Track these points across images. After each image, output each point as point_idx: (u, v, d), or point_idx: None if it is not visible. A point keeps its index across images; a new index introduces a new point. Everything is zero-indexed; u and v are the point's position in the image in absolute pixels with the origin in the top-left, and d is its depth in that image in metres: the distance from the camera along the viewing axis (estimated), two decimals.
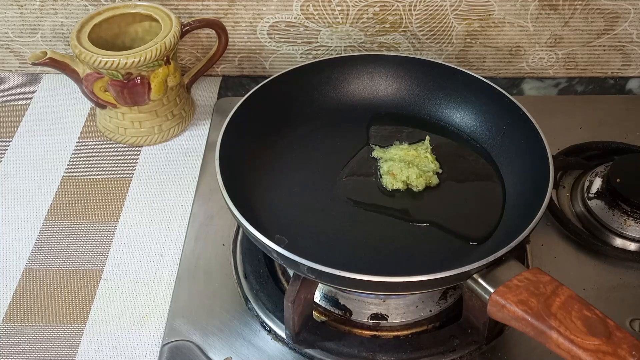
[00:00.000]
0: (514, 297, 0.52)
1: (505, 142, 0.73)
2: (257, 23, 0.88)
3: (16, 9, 0.87)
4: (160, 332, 0.64)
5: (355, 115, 0.80)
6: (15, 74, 0.95)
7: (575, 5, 0.84)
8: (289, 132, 0.76)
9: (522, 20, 0.86)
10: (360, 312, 0.65)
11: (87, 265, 0.70)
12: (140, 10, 0.80)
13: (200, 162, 0.81)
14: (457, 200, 0.70)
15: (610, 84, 0.94)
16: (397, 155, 0.72)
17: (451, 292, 0.66)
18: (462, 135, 0.77)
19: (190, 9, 0.86)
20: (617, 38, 0.88)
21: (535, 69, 0.92)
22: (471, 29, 0.87)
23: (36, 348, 0.63)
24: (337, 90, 0.80)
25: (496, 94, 0.74)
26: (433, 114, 0.80)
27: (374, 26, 0.87)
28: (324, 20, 0.86)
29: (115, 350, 0.63)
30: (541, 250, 0.71)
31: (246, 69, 0.94)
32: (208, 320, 0.64)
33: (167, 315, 0.65)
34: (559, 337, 0.49)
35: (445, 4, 0.84)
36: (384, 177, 0.71)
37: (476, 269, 0.55)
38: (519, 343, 0.62)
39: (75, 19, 0.88)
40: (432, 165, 0.71)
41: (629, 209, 0.71)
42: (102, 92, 0.78)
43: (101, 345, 0.63)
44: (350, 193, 0.70)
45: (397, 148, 0.74)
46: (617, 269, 0.69)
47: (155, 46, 0.74)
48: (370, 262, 0.63)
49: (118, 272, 0.69)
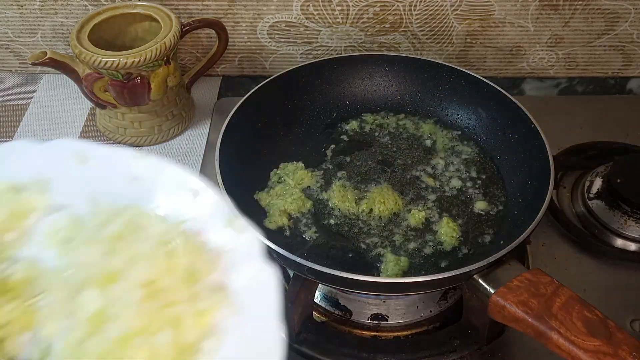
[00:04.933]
0: (514, 298, 0.52)
1: (506, 142, 0.73)
2: (257, 23, 0.88)
3: (16, 9, 0.87)
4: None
5: (355, 115, 0.80)
6: (15, 74, 0.95)
7: (576, 5, 0.84)
8: (288, 132, 0.77)
9: (523, 20, 0.86)
10: (361, 312, 0.64)
11: None
12: (140, 10, 0.80)
13: (200, 162, 0.81)
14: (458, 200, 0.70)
15: (610, 84, 0.94)
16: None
17: (451, 293, 0.66)
18: (462, 135, 0.77)
19: (190, 9, 0.86)
20: (618, 38, 0.88)
21: (536, 69, 0.92)
22: (471, 29, 0.87)
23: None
24: (337, 90, 0.80)
25: (496, 94, 0.74)
26: (433, 114, 0.80)
27: (374, 26, 0.87)
28: (324, 20, 0.86)
29: None
30: (542, 250, 0.71)
31: (246, 69, 0.94)
32: None
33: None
34: (559, 338, 0.49)
35: (445, 4, 0.84)
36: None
37: (476, 269, 0.55)
38: (519, 344, 0.62)
39: (75, 19, 0.88)
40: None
41: (629, 209, 0.71)
42: (102, 92, 0.77)
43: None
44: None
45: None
46: (618, 270, 0.69)
47: (155, 46, 0.74)
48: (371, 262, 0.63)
49: None
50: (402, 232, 0.66)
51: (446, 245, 0.65)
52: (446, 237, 0.65)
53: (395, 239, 0.66)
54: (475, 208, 0.69)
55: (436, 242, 0.66)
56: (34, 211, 0.47)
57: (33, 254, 0.44)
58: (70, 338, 0.40)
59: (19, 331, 0.41)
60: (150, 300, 0.39)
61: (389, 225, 0.67)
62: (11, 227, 0.46)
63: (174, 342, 0.38)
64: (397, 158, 0.75)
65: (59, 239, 0.45)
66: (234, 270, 0.42)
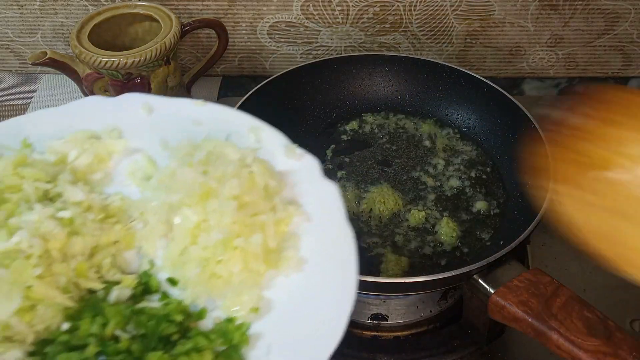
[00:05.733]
0: (514, 298, 0.52)
1: (506, 142, 0.73)
2: (257, 23, 0.87)
3: (16, 9, 0.87)
4: None
5: (355, 115, 0.80)
6: (15, 74, 0.95)
7: (576, 5, 0.84)
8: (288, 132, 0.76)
9: (523, 20, 0.86)
10: (361, 312, 0.64)
11: None
12: (140, 11, 0.80)
13: None
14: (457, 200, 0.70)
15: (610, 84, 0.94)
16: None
17: (451, 293, 0.66)
18: (462, 136, 0.77)
19: (190, 9, 0.86)
20: (618, 38, 0.88)
21: (536, 69, 0.92)
22: (471, 29, 0.87)
23: None
24: (337, 90, 0.80)
25: (496, 94, 0.74)
26: (433, 114, 0.80)
27: (374, 26, 0.87)
28: (324, 20, 0.86)
29: None
30: (542, 250, 0.71)
31: (246, 69, 0.94)
32: None
33: None
34: (559, 338, 0.49)
35: (445, 4, 0.84)
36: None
37: (476, 269, 0.55)
38: (519, 344, 0.62)
39: (75, 19, 0.88)
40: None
41: None
42: (102, 92, 0.77)
43: None
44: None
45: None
46: None
47: (155, 46, 0.74)
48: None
49: None
50: (402, 232, 0.66)
51: (446, 245, 0.65)
52: (446, 237, 0.66)
53: (396, 239, 0.66)
54: (475, 208, 0.69)
55: (436, 242, 0.66)
56: (114, 155, 0.56)
57: (119, 191, 0.53)
58: (170, 251, 0.48)
59: (125, 248, 0.50)
60: (241, 211, 0.46)
61: (389, 225, 0.67)
62: (97, 168, 0.55)
63: (263, 245, 0.45)
64: (397, 158, 0.75)
65: (139, 177, 0.53)
66: (301, 187, 0.50)
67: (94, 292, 0.47)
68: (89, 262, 0.48)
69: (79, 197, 0.50)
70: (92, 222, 0.49)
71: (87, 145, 0.55)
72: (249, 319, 0.45)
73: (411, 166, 0.74)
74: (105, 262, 0.49)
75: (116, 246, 0.50)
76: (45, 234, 0.46)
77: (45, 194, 0.51)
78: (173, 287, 0.48)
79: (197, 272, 0.46)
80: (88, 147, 0.55)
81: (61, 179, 0.51)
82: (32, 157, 0.53)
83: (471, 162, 0.74)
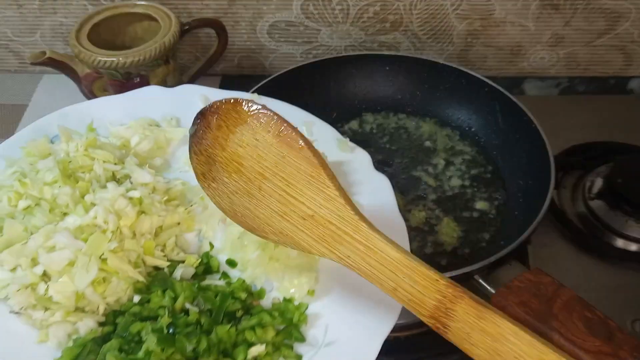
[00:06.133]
0: (515, 299, 0.52)
1: (506, 142, 0.73)
2: (257, 22, 0.87)
3: (15, 8, 0.87)
4: None
5: (356, 114, 0.80)
6: (15, 74, 0.95)
7: (577, 5, 0.84)
8: None
9: (524, 19, 0.86)
10: None
11: None
12: (139, 10, 0.80)
13: None
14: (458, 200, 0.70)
15: (611, 84, 0.94)
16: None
17: None
18: (462, 135, 0.77)
19: (190, 8, 0.86)
20: (619, 38, 0.88)
21: (537, 69, 0.92)
22: (472, 28, 0.87)
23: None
24: (337, 90, 0.80)
25: (497, 94, 0.74)
26: (434, 114, 0.79)
27: (374, 25, 0.87)
28: (324, 19, 0.86)
29: None
30: (542, 251, 0.70)
31: (246, 68, 0.93)
32: None
33: None
34: (560, 338, 0.49)
35: (446, 4, 0.84)
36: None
37: (477, 269, 0.55)
38: None
39: (74, 18, 0.88)
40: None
41: (630, 209, 0.71)
42: (101, 91, 0.77)
43: None
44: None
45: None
46: (619, 270, 0.69)
47: (155, 46, 0.74)
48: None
49: None
50: None
51: (447, 245, 0.65)
52: (447, 237, 0.65)
53: None
54: (476, 208, 0.69)
55: (437, 242, 0.65)
56: (172, 142, 0.60)
57: (177, 177, 0.57)
58: (229, 234, 0.51)
59: (186, 230, 0.54)
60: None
61: None
62: (157, 154, 0.59)
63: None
64: (397, 158, 0.75)
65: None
66: (353, 178, 0.53)
67: (159, 270, 0.51)
68: (155, 241, 0.52)
69: (146, 179, 0.54)
70: (159, 203, 0.53)
71: (147, 132, 0.59)
72: (306, 300, 0.48)
73: (411, 166, 0.74)
74: (169, 242, 0.53)
75: (179, 227, 0.54)
76: (118, 211, 0.50)
77: (113, 175, 0.55)
78: (232, 269, 0.52)
79: (256, 254, 0.50)
80: (149, 133, 0.59)
81: (128, 161, 0.55)
82: (100, 140, 0.57)
83: (472, 162, 0.74)
